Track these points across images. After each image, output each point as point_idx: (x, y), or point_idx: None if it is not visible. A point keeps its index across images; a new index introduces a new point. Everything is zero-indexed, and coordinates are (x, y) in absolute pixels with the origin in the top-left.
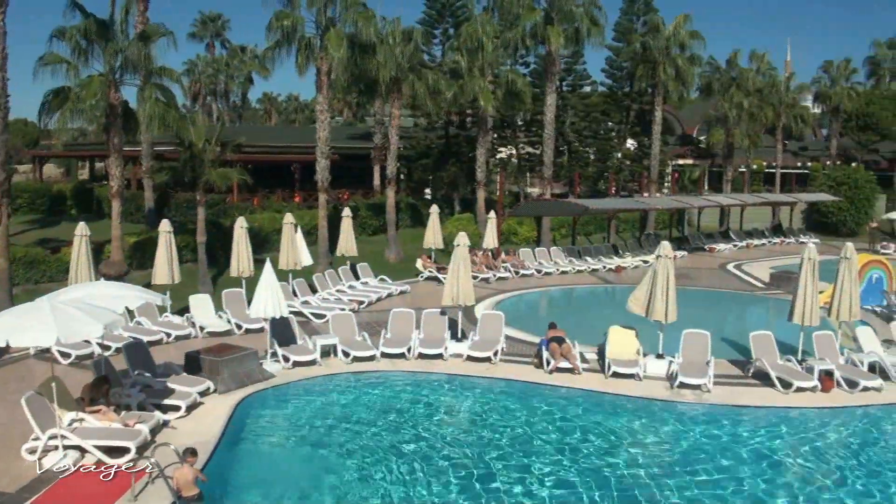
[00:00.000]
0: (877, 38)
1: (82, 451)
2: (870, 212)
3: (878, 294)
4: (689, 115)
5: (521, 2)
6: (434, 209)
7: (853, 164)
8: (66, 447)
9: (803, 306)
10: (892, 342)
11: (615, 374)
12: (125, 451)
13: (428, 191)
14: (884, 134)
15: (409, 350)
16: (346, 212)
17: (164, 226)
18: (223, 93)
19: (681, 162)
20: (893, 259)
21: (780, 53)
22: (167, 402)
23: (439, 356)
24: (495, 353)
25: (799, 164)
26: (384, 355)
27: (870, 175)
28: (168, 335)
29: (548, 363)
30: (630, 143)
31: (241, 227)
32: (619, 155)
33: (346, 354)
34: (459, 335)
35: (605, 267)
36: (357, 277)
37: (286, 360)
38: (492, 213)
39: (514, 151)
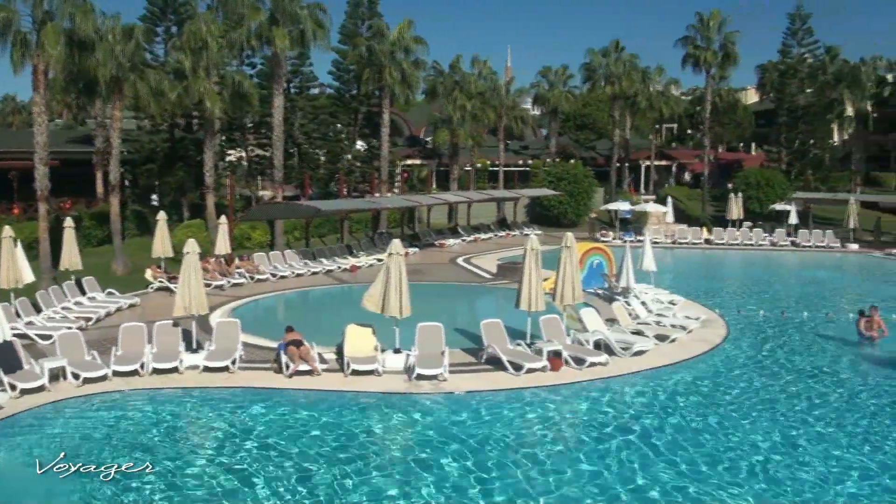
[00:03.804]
0: (591, 47)
1: None
2: (589, 203)
3: (599, 277)
4: (415, 117)
5: (246, 2)
6: (162, 216)
7: (572, 161)
8: None
9: (529, 293)
10: (614, 321)
11: (355, 372)
12: None
13: (155, 197)
14: (600, 133)
15: (142, 366)
16: (69, 222)
17: None
18: None
19: (409, 162)
20: (612, 245)
21: (500, 59)
22: None
23: (175, 370)
24: (233, 362)
25: (521, 161)
26: (116, 374)
27: (587, 170)
28: None
29: (287, 367)
30: (360, 145)
31: None
32: (350, 156)
33: (77, 376)
34: (195, 346)
35: (339, 267)
36: (83, 292)
37: (13, 388)
38: (223, 219)
39: (243, 154)
